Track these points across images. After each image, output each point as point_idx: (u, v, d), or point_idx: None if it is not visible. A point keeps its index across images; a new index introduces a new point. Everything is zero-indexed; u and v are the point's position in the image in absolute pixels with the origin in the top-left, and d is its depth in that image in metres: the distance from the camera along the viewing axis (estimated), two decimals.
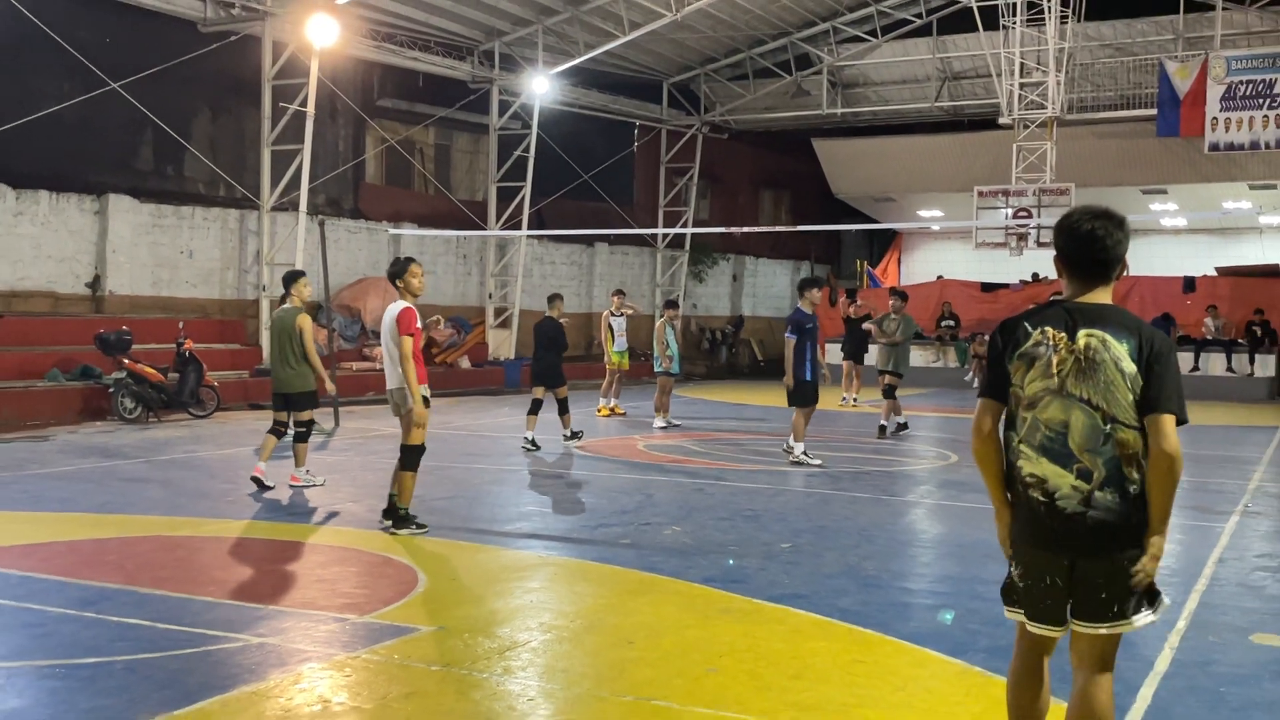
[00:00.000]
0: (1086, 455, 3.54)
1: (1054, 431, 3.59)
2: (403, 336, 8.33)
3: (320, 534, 8.69)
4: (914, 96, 29.29)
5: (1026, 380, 3.65)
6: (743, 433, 16.57)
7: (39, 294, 18.33)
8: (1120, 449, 3.52)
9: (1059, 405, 3.59)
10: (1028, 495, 3.64)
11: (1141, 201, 29.82)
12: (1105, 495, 3.52)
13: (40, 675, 5.19)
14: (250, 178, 20.81)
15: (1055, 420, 3.59)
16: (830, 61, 29.03)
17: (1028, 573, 3.69)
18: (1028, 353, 3.65)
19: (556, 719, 4.78)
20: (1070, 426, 3.56)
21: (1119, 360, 3.53)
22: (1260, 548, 8.67)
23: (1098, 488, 3.52)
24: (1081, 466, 3.55)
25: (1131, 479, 3.53)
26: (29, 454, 12.70)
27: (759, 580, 7.20)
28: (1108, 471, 3.53)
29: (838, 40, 28.82)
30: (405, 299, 8.55)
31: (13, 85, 17.71)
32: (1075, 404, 3.56)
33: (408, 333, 8.34)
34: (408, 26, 22.76)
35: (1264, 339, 24.85)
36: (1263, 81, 24.31)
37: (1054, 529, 3.58)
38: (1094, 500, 3.53)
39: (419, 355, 8.51)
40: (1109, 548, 3.53)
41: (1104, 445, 3.53)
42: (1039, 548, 3.64)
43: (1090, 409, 3.54)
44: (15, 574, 7.02)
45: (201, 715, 4.66)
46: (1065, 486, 3.56)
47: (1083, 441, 3.55)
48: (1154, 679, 5.30)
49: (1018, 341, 3.69)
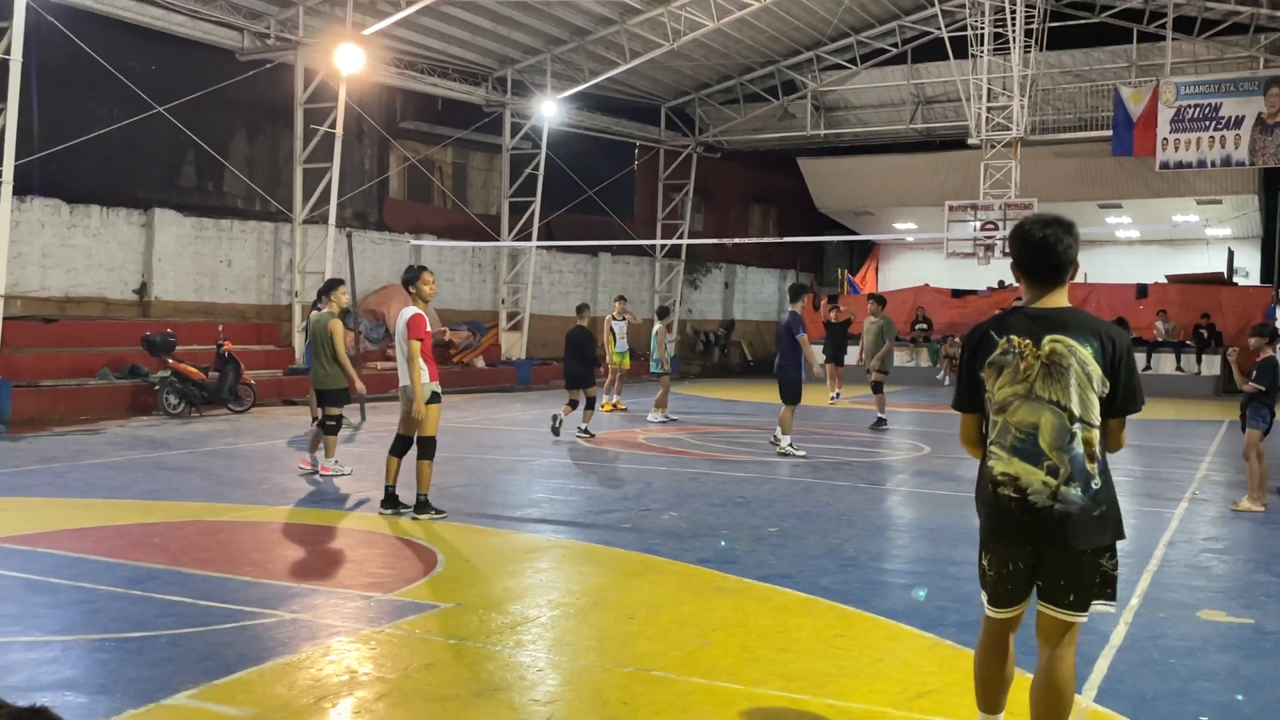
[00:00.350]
0: (1055, 453, 3.53)
1: (1024, 433, 3.57)
2: (412, 340, 8.42)
3: (348, 519, 8.70)
4: (890, 119, 29.26)
5: (997, 386, 3.62)
6: (734, 426, 16.57)
7: (91, 299, 18.33)
8: (1085, 447, 3.54)
9: (1029, 408, 3.56)
10: (997, 493, 3.61)
11: (1098, 215, 29.81)
12: (1070, 490, 3.52)
13: (92, 648, 5.19)
14: (284, 193, 20.80)
15: (1026, 422, 3.57)
16: (814, 87, 29.03)
17: (994, 563, 3.69)
18: (996, 361, 3.63)
19: (564, 688, 4.78)
20: (1040, 427, 3.55)
21: (1085, 364, 3.52)
22: (1206, 531, 8.67)
23: (1064, 483, 3.52)
24: (1051, 464, 3.54)
25: (1093, 474, 3.55)
26: (82, 445, 12.71)
27: (749, 561, 7.21)
28: (1073, 468, 3.52)
29: (821, 68, 28.84)
30: (417, 304, 8.60)
31: (67, 109, 17.71)
32: (1044, 406, 3.54)
33: (417, 337, 8.44)
34: (428, 55, 22.76)
35: (1209, 340, 24.88)
36: (1209, 105, 24.31)
37: (1023, 522, 3.56)
38: (1060, 494, 3.52)
39: (429, 355, 8.58)
40: (1071, 539, 3.52)
41: (1070, 443, 3.53)
42: (1009, 542, 3.63)
43: (1058, 410, 3.53)
44: (69, 555, 7.02)
45: (239, 685, 4.66)
46: (1036, 483, 3.54)
47: (1052, 440, 3.54)
48: (1110, 651, 5.31)
49: (986, 351, 3.65)
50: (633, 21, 22.94)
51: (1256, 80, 24.06)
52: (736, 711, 4.45)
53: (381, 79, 21.77)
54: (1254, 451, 9.59)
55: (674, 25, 22.94)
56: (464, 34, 22.28)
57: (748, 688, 4.72)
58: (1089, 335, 3.54)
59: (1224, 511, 9.51)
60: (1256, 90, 23.99)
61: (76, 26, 16.64)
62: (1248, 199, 28.30)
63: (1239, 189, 27.50)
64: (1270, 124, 23.84)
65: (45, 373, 16.14)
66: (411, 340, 8.42)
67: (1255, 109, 23.90)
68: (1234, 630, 5.81)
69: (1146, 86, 24.92)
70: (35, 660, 4.97)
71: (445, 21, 21.40)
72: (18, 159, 14.73)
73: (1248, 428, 9.72)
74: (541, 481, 10.78)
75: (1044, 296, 3.64)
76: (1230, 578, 7.14)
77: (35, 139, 16.50)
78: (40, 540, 7.45)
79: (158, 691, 4.53)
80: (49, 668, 4.86)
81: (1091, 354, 3.52)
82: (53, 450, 12.25)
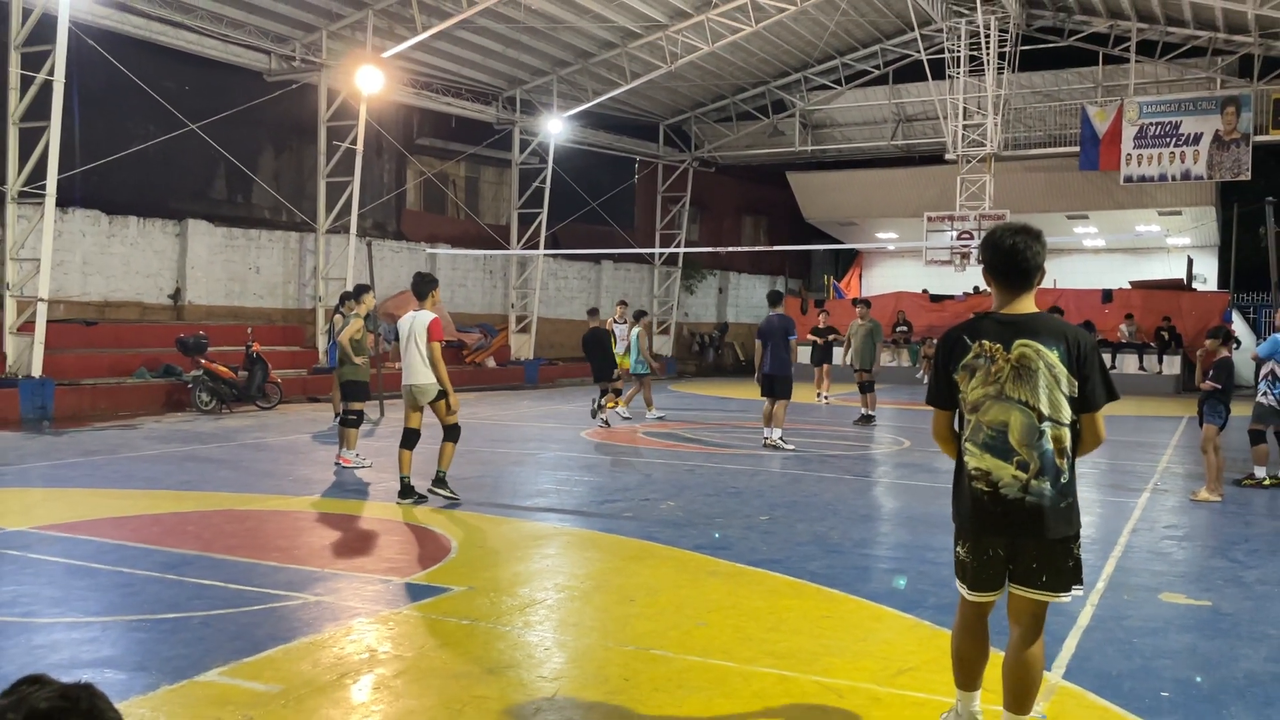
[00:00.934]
0: (1024, 449, 3.54)
1: (995, 431, 3.58)
2: (432, 343, 8.51)
3: (368, 508, 8.69)
4: (873, 136, 29.26)
5: (970, 388, 3.63)
6: (727, 422, 16.55)
7: (129, 304, 18.33)
8: (1054, 444, 3.54)
9: (999, 408, 3.57)
10: (972, 486, 3.63)
11: (1066, 225, 29.80)
12: (1040, 484, 3.53)
13: (129, 628, 5.19)
14: (308, 205, 20.79)
15: (996, 421, 3.58)
16: (802, 106, 29.02)
17: (971, 551, 3.69)
18: (969, 364, 3.63)
19: (569, 665, 4.78)
20: (1010, 425, 3.55)
21: (1053, 366, 3.53)
22: (1167, 520, 8.66)
23: (1034, 477, 3.53)
24: (1020, 459, 3.54)
25: (1062, 469, 3.55)
26: (120, 440, 12.71)
27: (741, 547, 7.20)
28: (1043, 463, 3.53)
29: (808, 88, 28.83)
30: (428, 308, 8.76)
31: (106, 126, 17.70)
32: (1014, 406, 3.55)
33: (438, 339, 8.54)
34: (442, 76, 22.75)
35: (1170, 342, 24.86)
36: (1169, 123, 24.32)
37: (995, 513, 3.58)
38: (1030, 488, 3.53)
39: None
40: (1042, 528, 3.54)
41: (1039, 440, 3.53)
42: (983, 532, 3.63)
43: (1027, 409, 3.53)
44: (109, 542, 7.02)
45: (267, 662, 4.66)
46: (1007, 477, 3.55)
47: (1021, 438, 3.54)
48: (1077, 631, 5.31)
49: (959, 354, 3.66)
50: (633, 45, 22.95)
51: (1214, 100, 24.07)
52: (730, 687, 4.44)
53: (399, 98, 21.76)
54: (1211, 445, 9.59)
55: (671, 49, 22.95)
56: (476, 56, 22.27)
57: (740, 665, 4.72)
58: (1056, 339, 3.55)
59: (1183, 501, 9.50)
60: (1214, 109, 24.00)
61: (115, 49, 16.64)
62: (1205, 210, 28.31)
63: (1197, 201, 27.51)
64: (1226, 140, 23.85)
65: (86, 372, 16.14)
66: (432, 343, 8.52)
67: (1213, 127, 23.92)
68: (1193, 612, 5.81)
69: (1111, 105, 24.93)
70: (77, 640, 4.97)
71: (459, 45, 21.40)
72: (61, 173, 14.73)
73: (1205, 423, 9.73)
74: (548, 473, 10.77)
75: (1013, 302, 3.65)
76: (1189, 563, 7.14)
77: (77, 154, 16.49)
78: (81, 528, 7.45)
79: (191, 669, 4.53)
80: (89, 647, 4.86)
81: (1058, 357, 3.52)
82: (93, 444, 12.25)
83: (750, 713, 4.19)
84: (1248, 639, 5.29)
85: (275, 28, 19.20)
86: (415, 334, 8.59)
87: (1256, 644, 5.20)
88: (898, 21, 25.41)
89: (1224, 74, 24.64)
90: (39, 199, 14.54)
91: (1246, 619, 5.65)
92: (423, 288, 8.83)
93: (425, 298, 8.80)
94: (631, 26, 22.10)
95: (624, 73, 23.73)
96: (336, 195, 20.10)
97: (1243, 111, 23.69)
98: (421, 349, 8.56)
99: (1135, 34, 24.76)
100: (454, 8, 18.84)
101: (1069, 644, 5.09)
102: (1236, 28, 23.34)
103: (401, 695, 4.33)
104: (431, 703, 4.23)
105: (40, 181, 14.47)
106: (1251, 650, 5.10)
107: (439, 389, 8.57)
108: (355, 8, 19.04)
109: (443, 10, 19.06)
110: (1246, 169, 23.78)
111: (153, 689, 4.30)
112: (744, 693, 4.38)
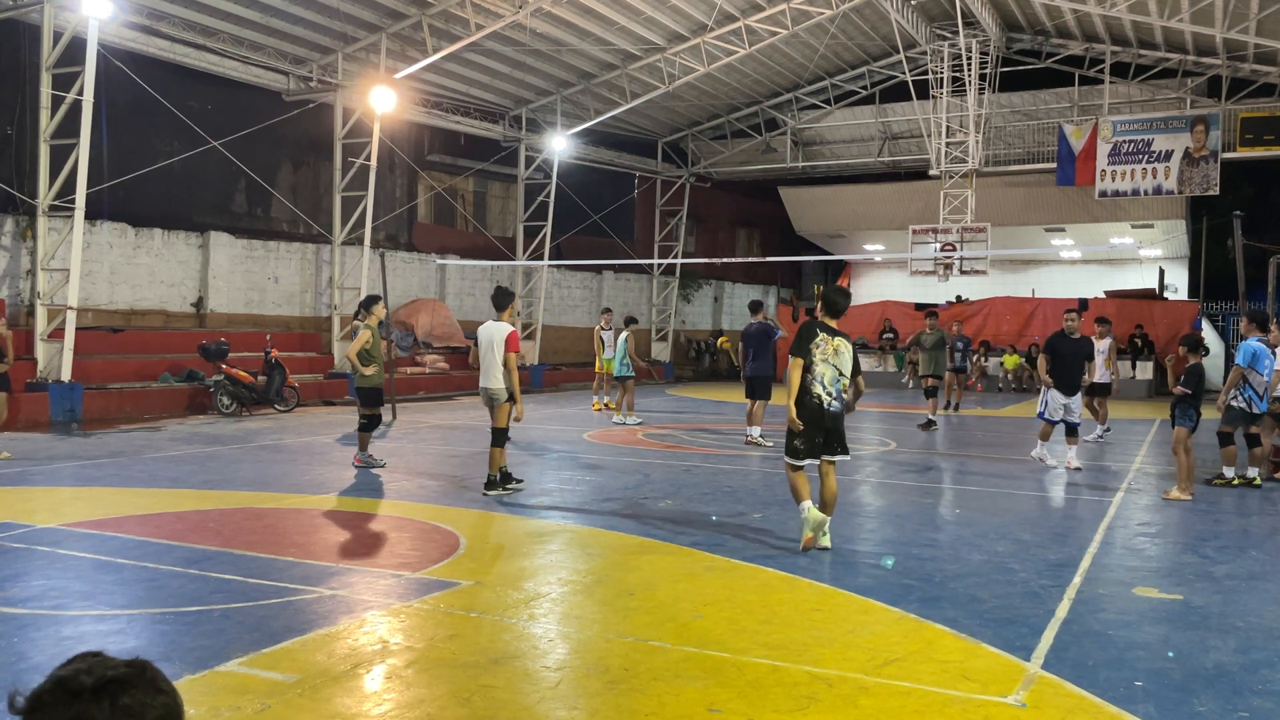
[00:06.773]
0: (833, 386, 6.95)
1: (825, 377, 6.92)
2: (509, 354, 8.88)
3: (381, 506, 8.68)
4: (861, 153, 29.30)
5: (816, 358, 6.91)
6: (723, 424, 16.54)
7: (153, 312, 18.32)
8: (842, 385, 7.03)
9: (826, 367, 6.93)
10: (813, 403, 6.89)
11: (1044, 237, 29.83)
12: (837, 402, 6.96)
13: (153, 621, 5.18)
14: (324, 218, 20.80)
15: (825, 374, 6.93)
16: (793, 124, 29.05)
17: (806, 439, 6.91)
18: (817, 344, 6.93)
19: (571, 656, 4.77)
20: (828, 376, 6.93)
21: (848, 351, 7.02)
22: (1141, 517, 8.66)
23: (836, 399, 6.96)
24: (831, 391, 6.93)
25: (844, 396, 7.05)
26: (145, 441, 12.70)
27: (735, 543, 7.20)
28: (837, 391, 6.96)
29: (799, 107, 28.87)
30: (506, 320, 9.01)
31: (134, 143, 17.72)
32: (830, 366, 6.93)
33: (514, 350, 8.91)
34: (452, 96, 22.78)
35: (1143, 348, 24.87)
36: (1142, 141, 24.36)
37: (823, 414, 6.90)
38: (832, 405, 6.94)
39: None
40: (838, 422, 6.99)
41: (837, 382, 6.97)
42: (815, 427, 6.91)
43: (837, 371, 6.96)
44: (134, 538, 7.02)
45: (284, 653, 4.66)
46: (828, 398, 6.92)
47: (832, 381, 6.95)
48: (1055, 624, 5.30)
49: (812, 338, 6.92)
50: (633, 67, 22.98)
51: (1184, 119, 24.11)
52: (725, 676, 4.44)
53: (411, 117, 21.78)
54: (1182, 447, 9.59)
55: (669, 70, 22.97)
56: (484, 77, 22.30)
57: (735, 655, 4.71)
58: (847, 340, 7.06)
59: (1156, 500, 9.50)
60: (1184, 128, 24.04)
61: (141, 70, 16.66)
62: (1176, 224, 28.32)
63: (1169, 215, 27.53)
64: (1196, 157, 23.88)
65: (113, 377, 16.14)
66: (509, 353, 8.87)
67: (1183, 144, 23.96)
68: (1165, 605, 5.81)
69: (1087, 124, 24.97)
70: (104, 631, 4.97)
71: (467, 66, 21.42)
72: (89, 188, 14.74)
73: (1176, 426, 9.73)
74: (552, 473, 10.77)
75: (834, 320, 7.07)
76: (1162, 559, 7.13)
77: (105, 170, 16.50)
78: (108, 525, 7.45)
79: (212, 659, 4.53)
80: (116, 638, 4.85)
81: (850, 349, 7.06)
82: (119, 445, 12.24)
83: (744, 701, 4.18)
84: (1217, 631, 5.28)
85: (293, 50, 19.22)
86: (495, 343, 8.94)
87: (1225, 636, 5.20)
88: (884, 44, 25.46)
89: (1194, 94, 24.68)
90: (69, 212, 14.56)
91: (1216, 612, 5.65)
92: (502, 300, 9.11)
93: (505, 309, 9.09)
94: (631, 49, 22.14)
95: (624, 93, 23.76)
96: (351, 209, 20.11)
97: (1211, 130, 23.74)
98: (498, 357, 8.89)
99: (1109, 56, 24.81)
100: (463, 31, 18.88)
101: (1047, 636, 5.09)
102: (1205, 50, 23.39)
103: (412, 684, 4.32)
104: (441, 692, 4.23)
105: (70, 196, 14.49)
106: (1221, 641, 5.09)
107: (509, 393, 8.88)
108: (369, 31, 19.08)
109: (452, 34, 19.10)
110: (1215, 184, 23.83)
111: (176, 679, 4.23)
112: (738, 682, 4.38)
